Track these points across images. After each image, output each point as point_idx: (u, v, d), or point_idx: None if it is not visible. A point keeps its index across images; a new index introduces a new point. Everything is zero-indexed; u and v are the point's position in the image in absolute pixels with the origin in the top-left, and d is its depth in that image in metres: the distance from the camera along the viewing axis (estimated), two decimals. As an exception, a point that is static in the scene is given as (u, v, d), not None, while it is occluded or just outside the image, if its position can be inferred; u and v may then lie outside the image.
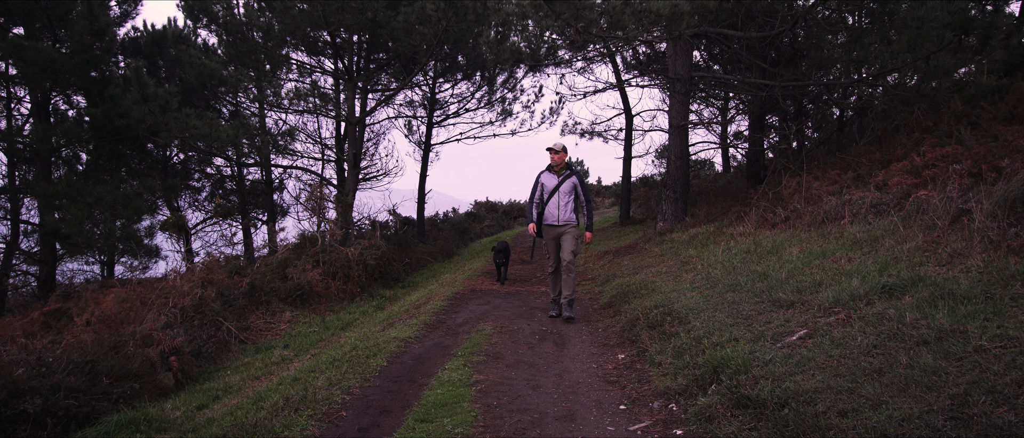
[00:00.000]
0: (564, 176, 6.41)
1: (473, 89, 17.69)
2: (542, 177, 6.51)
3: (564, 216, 6.32)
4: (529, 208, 6.64)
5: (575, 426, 3.46)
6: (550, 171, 6.47)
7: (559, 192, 6.35)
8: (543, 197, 6.45)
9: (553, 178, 6.44)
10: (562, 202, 6.35)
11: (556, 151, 6.41)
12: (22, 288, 14.37)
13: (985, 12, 8.93)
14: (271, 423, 3.82)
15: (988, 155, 6.08)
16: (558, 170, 6.42)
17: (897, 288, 4.10)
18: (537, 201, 6.53)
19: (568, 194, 6.37)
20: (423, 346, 5.57)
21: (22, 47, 11.95)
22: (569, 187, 6.38)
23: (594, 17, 8.44)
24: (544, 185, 6.45)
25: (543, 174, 6.51)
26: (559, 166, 6.42)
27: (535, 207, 6.55)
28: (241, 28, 13.82)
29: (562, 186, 6.37)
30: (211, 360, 7.49)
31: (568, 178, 6.41)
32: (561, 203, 6.34)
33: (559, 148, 6.41)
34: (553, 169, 6.45)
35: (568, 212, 6.34)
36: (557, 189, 6.35)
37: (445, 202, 30.69)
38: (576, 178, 6.46)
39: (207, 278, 9.06)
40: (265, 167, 17.47)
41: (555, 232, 6.39)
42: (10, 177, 13.54)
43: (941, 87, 8.54)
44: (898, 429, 2.58)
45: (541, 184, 6.49)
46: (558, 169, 6.42)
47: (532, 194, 6.60)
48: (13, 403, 4.89)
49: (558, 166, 6.41)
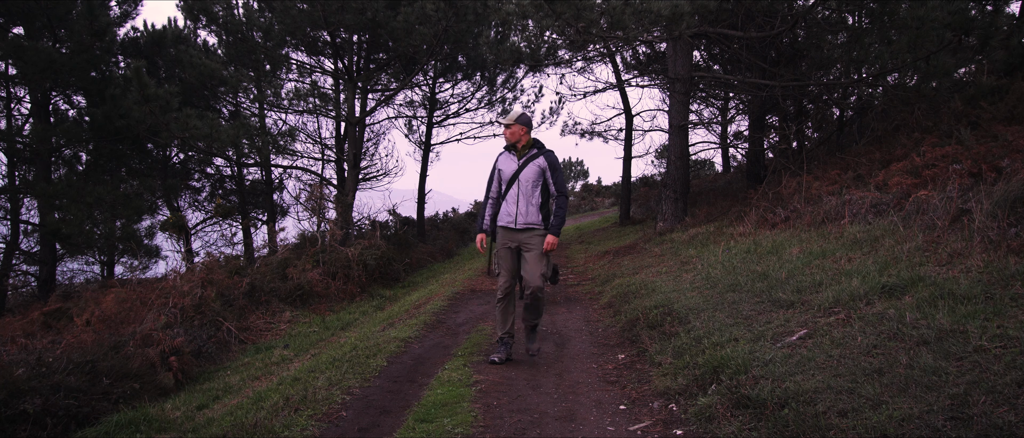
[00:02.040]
0: (527, 157, 4.62)
1: (473, 89, 17.70)
2: (499, 161, 4.72)
3: (526, 216, 4.57)
4: (482, 210, 4.82)
5: (575, 426, 3.46)
6: (510, 153, 4.70)
7: (520, 181, 4.58)
8: (500, 189, 4.73)
9: (512, 162, 4.64)
10: (524, 195, 4.58)
11: (508, 125, 4.63)
12: (22, 288, 14.38)
13: (985, 12, 8.93)
14: (271, 423, 3.82)
15: (988, 155, 6.08)
16: (520, 149, 4.64)
17: (897, 288, 4.10)
18: (494, 197, 4.77)
19: (533, 183, 4.59)
20: (423, 346, 5.57)
21: (22, 47, 11.95)
22: (535, 173, 4.59)
23: (594, 17, 8.44)
24: (501, 172, 4.70)
25: (501, 158, 4.73)
26: (519, 144, 4.63)
27: (490, 205, 4.79)
28: (241, 28, 13.82)
29: (525, 172, 4.58)
30: (211, 360, 7.49)
31: (533, 159, 4.60)
32: (523, 197, 4.59)
33: (511, 121, 4.61)
34: (513, 149, 4.68)
35: (533, 210, 4.58)
36: (517, 176, 4.58)
37: (445, 202, 30.68)
38: (545, 159, 4.64)
39: (207, 278, 9.06)
40: (265, 167, 17.46)
41: (513, 239, 4.62)
42: (10, 177, 13.54)
43: (941, 87, 8.54)
44: (898, 429, 2.58)
45: (498, 171, 4.73)
46: (520, 148, 4.64)
47: (487, 186, 4.81)
48: (13, 403, 4.89)
49: (518, 144, 4.63)
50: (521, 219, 4.58)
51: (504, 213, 4.65)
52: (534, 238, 4.58)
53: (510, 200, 4.65)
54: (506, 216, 4.64)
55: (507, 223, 4.63)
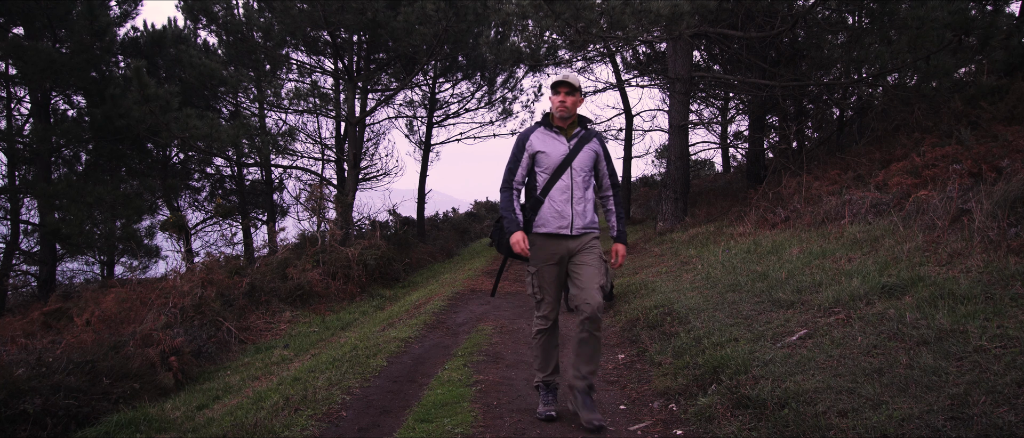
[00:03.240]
0: (579, 138, 3.48)
1: (473, 89, 17.69)
2: (533, 140, 3.48)
3: (585, 218, 3.44)
4: (508, 201, 3.48)
5: (575, 426, 3.46)
6: (549, 130, 3.49)
7: (574, 170, 3.43)
8: (534, 181, 3.50)
9: (558, 143, 3.45)
10: (581, 190, 3.43)
11: (569, 85, 3.42)
12: (22, 288, 14.38)
13: (985, 12, 8.93)
14: (271, 423, 3.82)
15: (988, 155, 6.08)
16: (568, 127, 3.49)
17: (897, 288, 4.10)
18: (519, 187, 3.53)
19: (587, 173, 3.47)
20: (423, 346, 5.57)
21: (22, 47, 11.95)
22: (589, 160, 3.48)
23: (594, 17, 8.45)
24: (540, 157, 3.45)
25: (535, 136, 3.49)
26: (569, 119, 3.47)
27: (519, 200, 3.56)
28: (241, 28, 13.82)
29: (580, 158, 3.45)
30: (211, 360, 7.49)
31: (586, 142, 3.48)
32: (579, 191, 3.43)
33: (576, 82, 3.46)
34: (557, 126, 3.49)
35: (590, 209, 3.49)
36: (568, 164, 3.42)
37: (445, 202, 30.68)
38: (599, 143, 3.56)
39: (207, 278, 9.06)
40: (265, 167, 17.46)
41: (561, 249, 3.43)
42: (10, 177, 13.54)
43: (941, 87, 8.55)
44: (898, 429, 2.58)
45: (534, 154, 3.47)
46: (568, 125, 3.49)
47: (510, 172, 3.51)
48: (13, 403, 4.89)
49: (568, 119, 3.46)
50: (579, 222, 3.40)
51: (550, 215, 3.38)
52: (591, 243, 3.44)
53: (559, 197, 3.38)
54: (555, 219, 3.37)
55: (558, 229, 3.37)
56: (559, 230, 3.39)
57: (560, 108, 3.43)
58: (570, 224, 3.40)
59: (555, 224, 3.40)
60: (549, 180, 3.43)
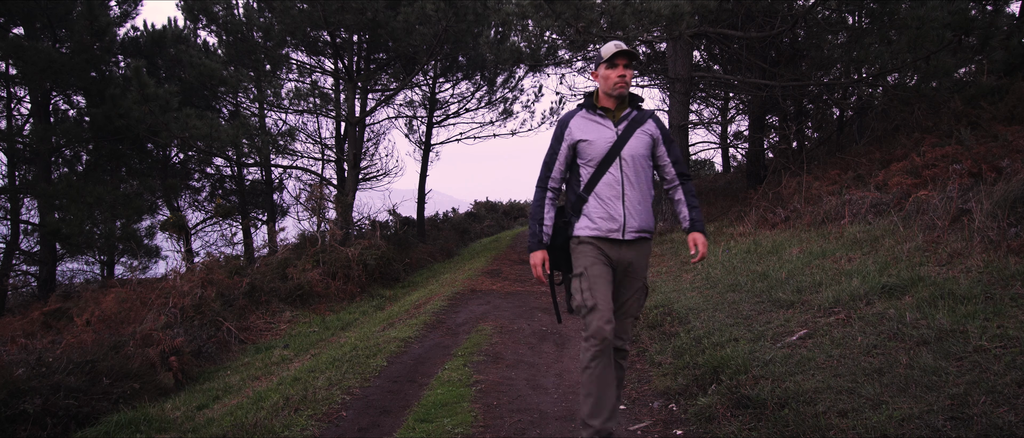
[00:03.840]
0: (630, 120, 2.89)
1: (473, 89, 17.69)
2: (573, 128, 2.91)
3: (640, 219, 2.86)
4: (537, 205, 2.98)
5: (575, 426, 3.46)
6: (592, 114, 2.91)
7: (624, 160, 2.85)
8: (576, 176, 2.93)
9: (603, 129, 2.87)
10: (635, 184, 2.86)
11: (629, 55, 2.83)
12: (22, 288, 14.37)
13: (985, 12, 8.93)
14: (271, 423, 3.82)
15: (988, 155, 6.08)
16: (616, 110, 2.90)
17: (897, 288, 4.10)
18: (558, 185, 2.99)
19: (644, 164, 2.89)
20: (423, 346, 5.57)
21: (22, 47, 11.95)
22: (644, 147, 2.88)
23: (594, 17, 8.45)
24: (582, 147, 2.88)
25: (576, 122, 2.91)
26: (619, 96, 2.87)
27: (552, 201, 2.99)
28: (241, 28, 13.82)
29: (631, 144, 2.86)
30: (211, 360, 7.49)
31: (639, 125, 2.89)
32: (632, 187, 2.85)
33: (633, 48, 3.11)
34: (601, 108, 2.90)
35: (647, 209, 2.90)
36: (616, 153, 2.84)
37: (445, 202, 30.68)
38: (655, 124, 2.93)
39: (207, 278, 9.06)
40: (265, 167, 17.46)
41: (615, 255, 2.85)
42: (10, 177, 13.54)
43: (941, 87, 8.55)
44: (898, 429, 2.58)
45: (574, 144, 2.90)
46: (616, 108, 2.90)
47: (546, 168, 2.98)
48: (13, 403, 4.89)
49: (619, 95, 2.86)
50: (633, 224, 2.81)
51: (598, 215, 2.81)
52: (643, 255, 2.90)
53: (607, 194, 2.81)
54: (605, 220, 2.80)
55: (608, 232, 2.80)
56: (610, 233, 2.81)
57: (619, 84, 2.82)
58: (622, 227, 2.80)
59: (604, 227, 2.81)
60: (594, 174, 2.84)
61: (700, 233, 2.93)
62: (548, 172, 2.98)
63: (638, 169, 2.87)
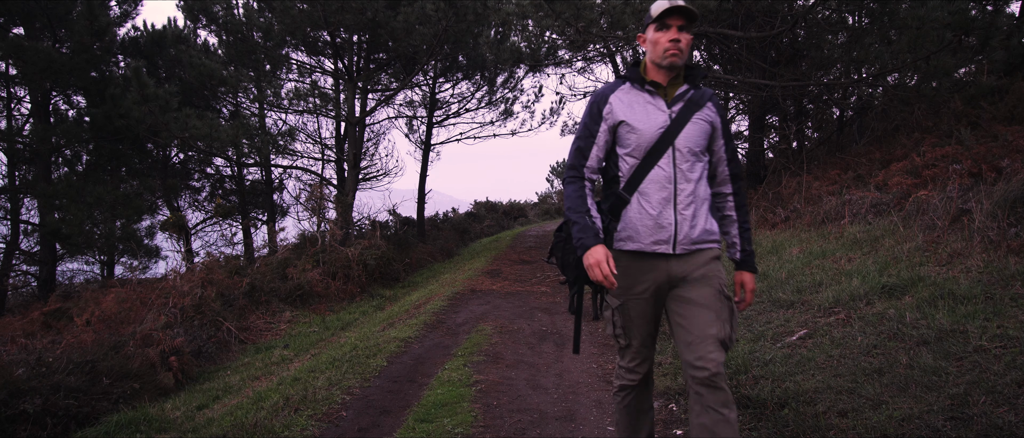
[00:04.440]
0: (686, 101, 2.26)
1: (473, 89, 17.69)
2: (615, 105, 2.27)
3: (696, 225, 2.25)
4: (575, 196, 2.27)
5: (575, 426, 3.46)
6: (640, 88, 2.28)
7: (676, 151, 2.23)
8: (613, 167, 2.33)
9: (653, 109, 2.25)
10: (684, 181, 2.24)
11: (685, 13, 2.18)
12: (22, 288, 14.38)
13: (985, 12, 8.93)
14: (271, 423, 3.82)
15: (988, 155, 6.08)
16: (670, 86, 2.28)
17: (897, 288, 4.10)
18: (593, 176, 2.33)
19: (697, 156, 2.27)
20: (423, 346, 5.57)
21: (22, 47, 11.95)
22: (700, 135, 2.26)
23: (594, 17, 8.45)
24: (624, 132, 2.26)
25: (618, 98, 2.28)
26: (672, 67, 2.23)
27: (592, 194, 2.32)
28: (241, 28, 13.82)
29: (687, 132, 2.24)
30: (211, 360, 7.49)
31: (696, 107, 2.26)
32: (686, 183, 2.25)
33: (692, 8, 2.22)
34: (651, 82, 2.26)
35: (704, 213, 2.29)
36: (669, 142, 2.23)
37: (445, 202, 30.68)
38: (714, 109, 2.32)
39: (207, 278, 9.06)
40: (265, 167, 17.47)
41: (662, 275, 2.27)
42: (10, 177, 13.54)
43: (941, 87, 8.55)
44: (898, 429, 2.58)
45: (615, 126, 2.28)
46: (669, 84, 2.28)
47: (579, 153, 2.32)
48: (13, 403, 4.89)
49: (672, 66, 2.22)
50: (687, 233, 2.21)
51: (640, 222, 2.23)
52: (707, 266, 2.24)
53: (656, 195, 2.21)
54: (650, 230, 2.22)
55: (654, 244, 2.22)
56: (655, 246, 2.20)
57: (672, 51, 2.16)
58: (673, 237, 2.19)
59: (649, 237, 2.20)
60: (639, 168, 2.21)
61: (751, 272, 2.32)
62: (582, 159, 2.29)
63: (694, 164, 2.23)
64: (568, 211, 2.26)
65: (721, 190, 2.39)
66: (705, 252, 2.26)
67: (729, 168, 2.37)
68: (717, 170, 2.38)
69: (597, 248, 2.14)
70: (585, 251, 2.16)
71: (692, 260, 2.25)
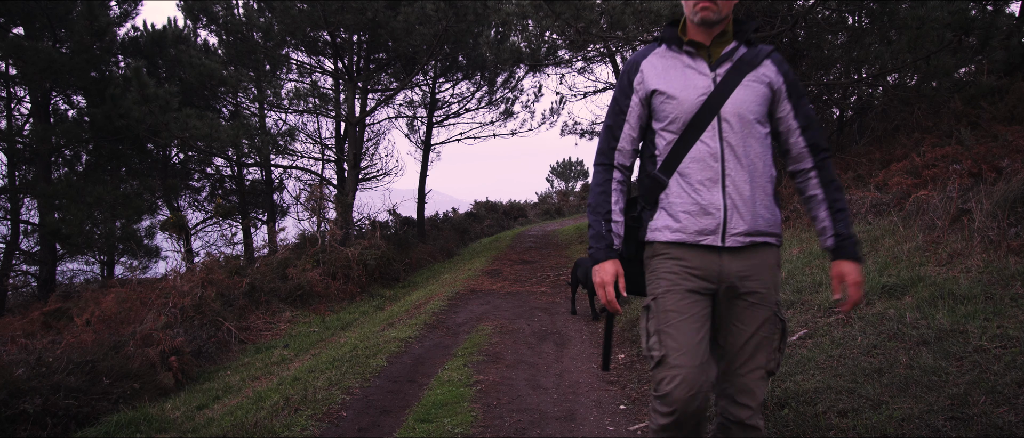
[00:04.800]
0: (736, 60, 1.90)
1: (473, 89, 17.70)
2: (647, 71, 1.93)
3: (754, 212, 1.85)
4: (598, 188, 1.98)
5: (575, 426, 3.46)
6: (677, 50, 1.94)
7: (723, 122, 1.85)
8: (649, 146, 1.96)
9: (693, 73, 1.90)
10: (734, 158, 1.84)
11: None
12: (22, 288, 14.38)
13: (985, 12, 8.93)
14: (271, 423, 3.82)
15: (988, 155, 6.08)
16: (714, 46, 1.92)
17: (897, 288, 4.10)
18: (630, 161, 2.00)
19: (753, 127, 1.87)
20: (423, 346, 5.57)
21: (22, 47, 11.95)
22: (755, 102, 1.86)
23: (594, 17, 8.45)
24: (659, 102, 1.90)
25: (650, 63, 1.94)
26: (717, 25, 1.91)
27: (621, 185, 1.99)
28: (241, 28, 13.82)
29: (734, 100, 1.85)
30: (211, 360, 7.49)
31: (749, 66, 1.88)
32: (732, 163, 1.84)
33: None
34: (690, 42, 1.92)
35: (764, 197, 1.87)
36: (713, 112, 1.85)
37: (445, 202, 30.69)
38: (775, 65, 1.94)
39: (207, 278, 9.06)
40: (265, 167, 17.47)
41: (713, 269, 1.86)
42: (10, 177, 13.55)
43: (941, 87, 8.55)
44: (898, 429, 2.58)
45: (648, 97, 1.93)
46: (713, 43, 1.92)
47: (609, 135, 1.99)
48: (13, 403, 4.89)
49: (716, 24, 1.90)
50: (741, 222, 1.85)
51: (683, 207, 1.88)
52: (764, 267, 1.90)
53: (701, 173, 1.86)
54: (694, 216, 1.87)
55: (698, 235, 1.86)
56: (700, 237, 1.83)
57: (702, 4, 1.85)
58: (721, 226, 1.81)
59: (692, 226, 1.83)
60: (678, 143, 1.85)
61: (853, 261, 1.86)
62: (612, 141, 1.97)
63: (748, 136, 1.83)
64: (588, 209, 2.02)
65: (799, 166, 1.98)
66: (764, 249, 1.88)
67: (805, 138, 1.93)
68: (788, 142, 1.95)
69: (607, 264, 1.92)
70: (594, 263, 1.95)
71: (748, 259, 1.86)
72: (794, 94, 1.94)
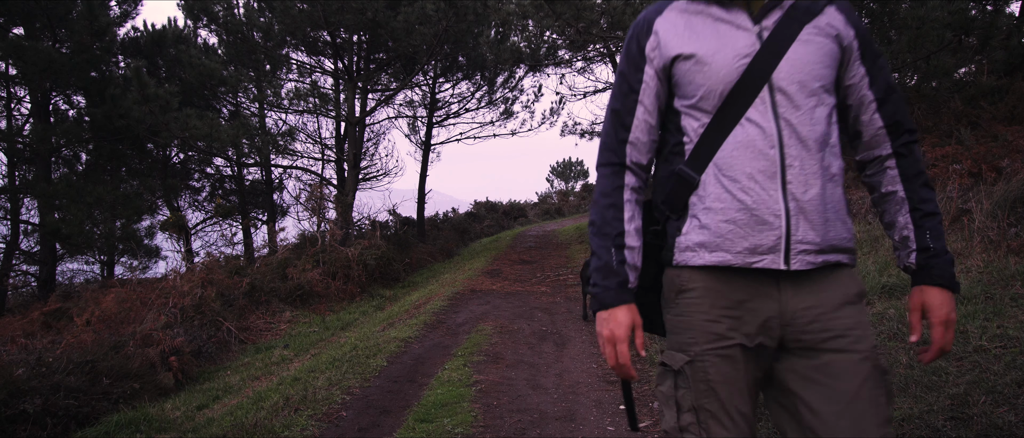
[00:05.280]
0: (786, 8, 1.31)
1: (473, 89, 17.71)
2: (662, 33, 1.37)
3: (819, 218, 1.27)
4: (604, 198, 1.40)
5: (575, 426, 3.46)
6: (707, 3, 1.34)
7: (779, 93, 1.28)
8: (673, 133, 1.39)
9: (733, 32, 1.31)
10: (795, 143, 1.26)
11: None
12: (22, 288, 14.38)
13: (985, 12, 8.93)
14: (271, 423, 3.82)
15: (988, 155, 6.08)
16: None
17: (897, 288, 4.10)
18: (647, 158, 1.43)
19: (821, 97, 1.30)
20: (423, 346, 5.57)
21: (22, 47, 11.95)
22: (819, 62, 1.29)
23: (594, 17, 8.45)
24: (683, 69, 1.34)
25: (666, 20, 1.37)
26: None
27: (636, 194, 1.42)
28: (241, 28, 13.82)
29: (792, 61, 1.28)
30: (211, 360, 7.49)
31: (809, 18, 1.31)
32: (793, 149, 1.26)
33: None
34: None
35: (831, 196, 1.28)
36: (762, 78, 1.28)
37: (445, 202, 30.70)
38: (845, 19, 1.34)
39: (207, 278, 9.06)
40: (265, 167, 17.48)
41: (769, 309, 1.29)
42: (10, 177, 13.55)
43: (941, 87, 8.55)
44: (898, 429, 2.58)
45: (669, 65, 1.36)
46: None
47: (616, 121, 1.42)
48: (13, 403, 4.89)
49: None
50: (809, 232, 1.28)
51: (724, 214, 1.30)
52: (846, 309, 1.33)
53: (749, 164, 1.29)
54: (741, 227, 1.29)
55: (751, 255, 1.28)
56: (752, 258, 1.30)
57: None
58: (783, 239, 1.28)
59: (741, 240, 1.30)
60: (713, 126, 1.34)
61: (943, 288, 1.37)
62: (622, 131, 1.42)
63: (813, 111, 1.30)
64: (591, 229, 1.42)
65: (872, 153, 1.41)
66: (840, 273, 1.32)
67: (881, 113, 1.37)
68: (860, 121, 1.39)
69: (618, 311, 1.36)
70: (600, 308, 1.37)
71: (821, 286, 1.30)
72: (869, 55, 1.37)
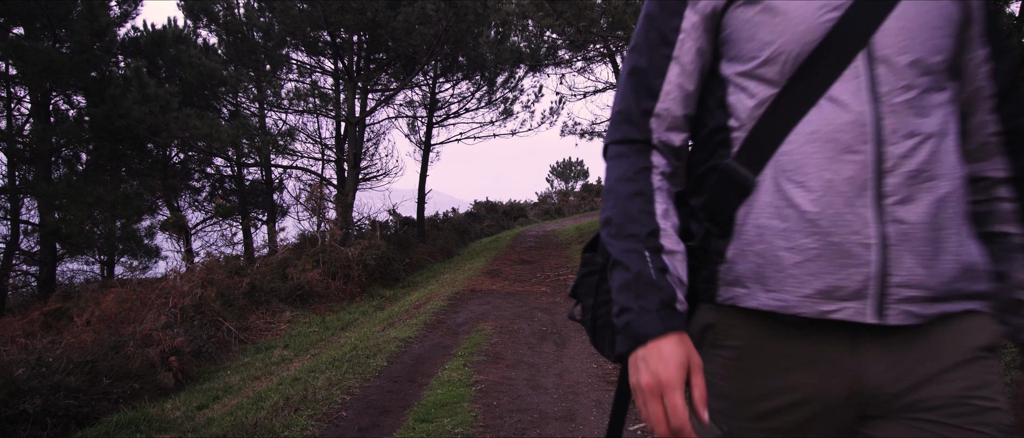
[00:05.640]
0: None
1: (473, 89, 17.71)
2: None
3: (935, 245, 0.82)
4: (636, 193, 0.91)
5: (575, 426, 3.46)
6: None
7: (879, 63, 0.82)
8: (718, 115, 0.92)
9: None
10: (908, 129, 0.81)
11: None
12: (22, 288, 14.38)
13: (985, 12, 8.93)
14: (271, 423, 3.82)
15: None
16: None
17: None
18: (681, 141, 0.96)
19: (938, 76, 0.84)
20: (423, 346, 5.57)
21: (22, 47, 11.95)
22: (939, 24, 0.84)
23: (595, 17, 8.46)
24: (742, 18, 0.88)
25: None
26: None
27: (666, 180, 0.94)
28: (241, 28, 13.83)
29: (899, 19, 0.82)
30: (211, 360, 7.49)
31: None
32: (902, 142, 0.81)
33: None
34: None
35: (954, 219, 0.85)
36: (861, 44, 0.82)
37: (445, 202, 30.71)
38: None
39: (207, 278, 9.06)
40: (265, 167, 17.48)
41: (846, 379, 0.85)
42: (10, 177, 13.55)
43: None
44: None
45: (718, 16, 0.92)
46: None
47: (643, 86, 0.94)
48: (13, 403, 4.89)
49: None
50: (917, 267, 0.83)
51: (785, 235, 0.86)
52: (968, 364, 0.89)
53: (829, 167, 0.84)
54: (813, 260, 0.84)
55: (823, 301, 0.84)
56: (824, 304, 0.84)
57: None
58: (876, 278, 0.83)
59: (813, 280, 0.84)
60: (777, 104, 0.88)
61: None
62: (645, 97, 0.98)
63: (928, 95, 0.87)
64: (606, 230, 0.97)
65: (980, 170, 0.98)
66: (965, 323, 0.92)
67: (1001, 115, 0.96)
68: (979, 108, 0.97)
69: (665, 342, 0.88)
70: (636, 343, 0.91)
71: (927, 341, 0.90)
72: (994, 33, 0.95)
